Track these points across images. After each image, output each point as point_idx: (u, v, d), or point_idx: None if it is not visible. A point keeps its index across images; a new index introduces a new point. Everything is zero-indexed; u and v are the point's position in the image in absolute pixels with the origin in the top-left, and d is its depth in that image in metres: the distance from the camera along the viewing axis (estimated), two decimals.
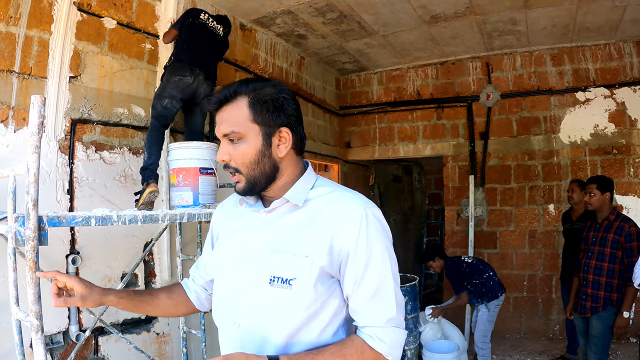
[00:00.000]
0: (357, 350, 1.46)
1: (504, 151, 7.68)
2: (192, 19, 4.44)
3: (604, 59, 7.07)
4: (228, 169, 1.56)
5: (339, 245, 1.48)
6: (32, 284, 2.27)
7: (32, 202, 2.26)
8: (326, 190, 1.59)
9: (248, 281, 1.53)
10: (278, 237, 1.53)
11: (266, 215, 1.59)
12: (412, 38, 7.04)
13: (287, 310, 1.46)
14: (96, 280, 4.12)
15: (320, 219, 1.51)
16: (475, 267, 6.00)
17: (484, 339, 5.80)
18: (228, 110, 1.53)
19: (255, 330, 1.50)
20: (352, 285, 1.49)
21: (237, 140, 1.52)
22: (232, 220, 1.73)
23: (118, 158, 4.43)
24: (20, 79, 3.67)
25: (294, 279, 1.45)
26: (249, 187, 1.55)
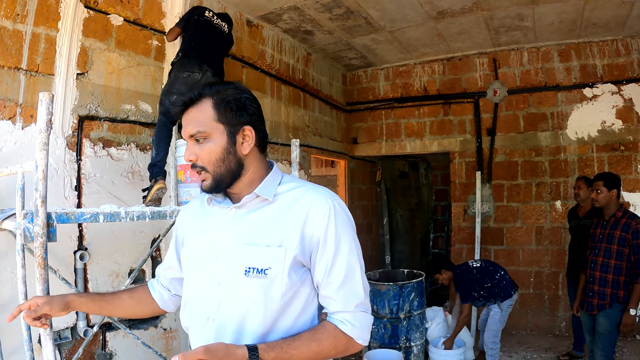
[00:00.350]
0: (330, 334, 1.56)
1: (511, 147, 7.67)
2: (197, 16, 4.45)
3: (612, 55, 7.04)
4: (195, 169, 1.62)
5: (309, 235, 1.56)
6: (41, 280, 2.28)
7: (41, 198, 2.28)
8: (293, 185, 1.67)
9: (222, 275, 1.58)
10: (250, 231, 1.60)
11: (235, 211, 1.65)
12: (418, 34, 7.02)
13: (264, 299, 1.52)
14: (104, 277, 4.17)
15: (291, 212, 1.59)
16: (485, 269, 5.86)
17: (495, 339, 5.73)
18: (193, 112, 1.61)
19: (232, 322, 1.55)
20: (323, 273, 1.58)
21: (203, 140, 1.58)
22: (199, 220, 1.78)
23: (125, 154, 4.44)
24: (28, 76, 3.69)
25: (269, 269, 1.52)
26: (215, 184, 1.61)
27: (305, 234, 1.56)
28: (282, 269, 1.53)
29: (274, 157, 6.54)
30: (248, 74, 6.07)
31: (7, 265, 3.41)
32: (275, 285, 1.52)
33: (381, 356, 5.50)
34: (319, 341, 1.53)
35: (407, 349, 5.67)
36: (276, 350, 1.45)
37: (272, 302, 1.53)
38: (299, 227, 1.56)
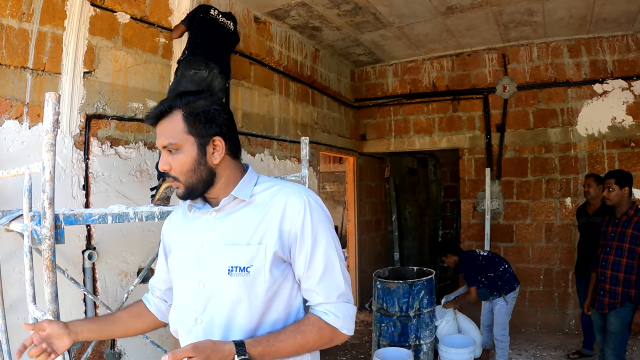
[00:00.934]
0: (315, 326, 1.62)
1: (521, 144, 7.62)
2: (202, 15, 4.44)
3: (622, 50, 6.97)
4: (169, 177, 1.68)
5: (287, 231, 1.62)
6: (50, 282, 2.27)
7: (48, 200, 2.26)
8: (269, 185, 1.73)
9: (206, 276, 1.63)
10: (230, 231, 1.65)
11: (215, 214, 1.70)
12: (427, 29, 6.98)
13: (248, 296, 1.58)
14: (112, 276, 4.16)
15: (268, 210, 1.65)
16: (491, 260, 6.01)
17: (503, 332, 5.78)
18: (165, 124, 1.64)
19: (219, 321, 1.60)
20: (303, 266, 1.64)
21: (174, 151, 1.63)
22: (183, 227, 1.82)
23: (133, 153, 4.43)
24: (34, 75, 3.67)
25: (251, 266, 1.58)
26: (188, 192, 1.66)
27: (283, 230, 1.62)
28: (263, 265, 1.59)
29: (283, 154, 6.53)
30: (256, 71, 6.05)
31: (15, 265, 3.41)
32: (258, 282, 1.58)
33: (391, 354, 5.48)
34: (304, 333, 1.59)
35: (416, 347, 5.64)
36: (262, 344, 1.51)
37: (257, 299, 1.58)
38: (276, 224, 1.62)
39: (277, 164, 6.38)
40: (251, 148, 5.90)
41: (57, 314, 2.27)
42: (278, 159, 6.42)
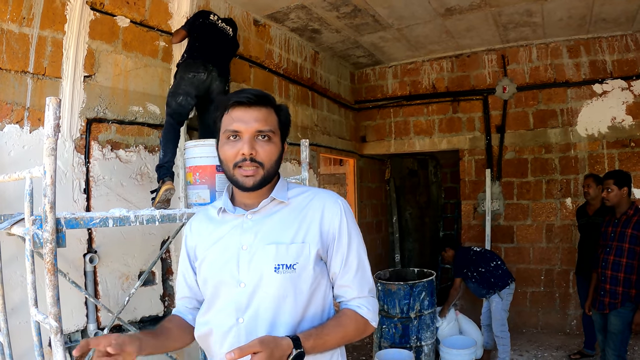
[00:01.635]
0: (352, 319, 1.75)
1: (521, 144, 7.63)
2: (202, 19, 4.47)
3: (621, 50, 6.98)
4: (246, 164, 1.68)
5: (326, 231, 1.75)
6: (51, 286, 2.27)
7: (50, 204, 2.27)
8: (301, 190, 1.86)
9: (247, 276, 1.68)
10: (271, 232, 1.72)
11: (251, 216, 1.77)
12: (426, 31, 6.99)
13: (294, 292, 1.67)
14: (114, 279, 4.17)
15: (307, 212, 1.76)
16: (483, 255, 6.13)
17: (502, 328, 5.82)
18: (265, 112, 1.73)
19: (264, 318, 1.65)
20: (340, 264, 1.77)
21: (266, 139, 1.71)
22: (210, 232, 1.85)
23: (134, 156, 4.44)
24: (35, 79, 3.68)
25: (297, 263, 1.67)
26: (262, 180, 1.71)
27: (323, 230, 1.74)
28: (308, 262, 1.69)
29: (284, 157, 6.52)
30: (256, 74, 6.06)
31: (17, 269, 3.42)
32: (302, 279, 1.68)
33: (392, 356, 5.49)
34: (344, 326, 1.72)
35: (417, 348, 5.65)
36: (313, 337, 1.59)
37: (301, 294, 1.68)
38: (317, 225, 1.74)
39: None
40: None
41: (58, 317, 2.27)
42: None
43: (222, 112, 1.76)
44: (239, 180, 1.70)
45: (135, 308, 4.37)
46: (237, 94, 1.72)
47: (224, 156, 1.73)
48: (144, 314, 4.47)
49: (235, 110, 1.71)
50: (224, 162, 1.74)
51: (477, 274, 5.94)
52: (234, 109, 1.71)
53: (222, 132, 1.75)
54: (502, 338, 5.78)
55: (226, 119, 1.73)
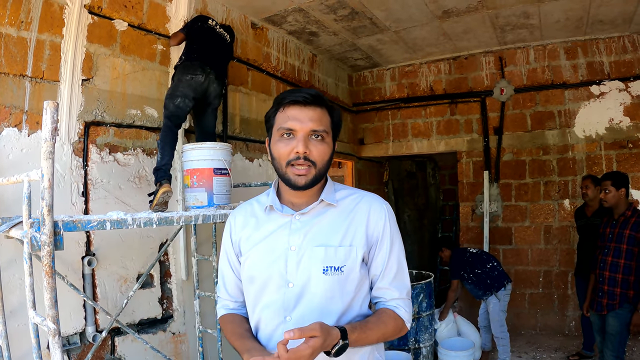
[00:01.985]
0: (391, 317, 1.80)
1: (519, 146, 7.64)
2: (200, 24, 4.51)
3: (618, 51, 6.99)
4: (300, 162, 1.72)
5: (370, 234, 1.80)
6: (49, 288, 2.28)
7: (47, 207, 2.27)
8: (348, 192, 1.89)
9: (295, 275, 1.74)
10: (320, 234, 1.77)
11: (299, 217, 1.80)
12: (424, 33, 7.00)
13: (340, 293, 1.73)
14: (112, 282, 4.18)
15: (354, 215, 1.81)
16: (479, 257, 6.15)
17: (502, 329, 5.83)
18: (320, 112, 1.76)
19: (310, 317, 1.68)
20: (381, 266, 1.81)
21: (320, 139, 1.74)
22: (256, 229, 1.88)
23: (132, 159, 4.45)
24: (33, 83, 3.69)
25: (344, 266, 1.73)
26: (314, 180, 1.75)
27: (368, 234, 1.79)
28: (355, 265, 1.75)
29: None
30: (254, 77, 6.07)
31: (15, 272, 3.42)
32: (349, 280, 1.74)
33: (390, 358, 5.49)
34: (385, 323, 1.77)
35: (416, 350, 5.66)
36: (357, 331, 1.64)
37: (347, 295, 1.74)
38: (363, 228, 1.79)
39: None
40: (249, 153, 5.92)
41: (56, 320, 2.28)
42: None
43: (276, 109, 1.80)
44: (291, 179, 1.74)
45: (134, 311, 4.38)
46: (293, 93, 1.75)
47: (277, 153, 1.76)
48: (142, 316, 4.47)
49: (290, 109, 1.74)
50: (277, 159, 1.77)
51: (474, 276, 5.96)
52: (290, 107, 1.74)
53: (275, 129, 1.78)
54: (501, 339, 5.79)
55: (280, 117, 1.76)
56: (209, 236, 4.95)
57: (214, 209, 3.88)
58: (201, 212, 3.57)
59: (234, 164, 5.17)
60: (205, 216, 3.54)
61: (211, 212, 3.65)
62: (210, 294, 4.67)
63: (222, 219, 3.71)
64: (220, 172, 4.05)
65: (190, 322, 4.87)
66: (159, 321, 4.68)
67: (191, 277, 4.83)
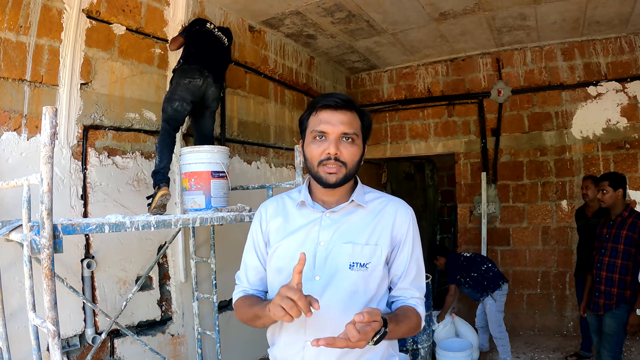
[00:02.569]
0: (414, 313, 1.88)
1: (516, 147, 7.65)
2: (198, 27, 4.53)
3: (615, 52, 7.01)
4: (331, 162, 1.81)
5: (395, 236, 1.89)
6: (49, 290, 2.30)
7: (47, 211, 2.30)
8: (376, 195, 1.99)
9: (322, 269, 1.83)
10: (349, 232, 1.87)
11: (330, 214, 1.89)
12: (421, 35, 7.02)
13: (364, 288, 1.82)
14: (111, 284, 4.20)
15: (381, 217, 1.90)
16: (473, 260, 6.18)
17: (500, 329, 5.82)
18: (350, 116, 1.84)
19: (333, 310, 1.76)
20: (403, 267, 1.90)
21: (350, 141, 1.83)
22: (286, 221, 1.97)
23: (130, 163, 4.47)
24: (32, 87, 3.72)
25: (369, 263, 1.82)
26: (344, 179, 1.84)
27: (393, 235, 1.89)
28: (379, 263, 1.84)
29: (279, 162, 6.57)
30: (251, 80, 6.10)
31: (15, 274, 3.45)
32: (373, 277, 1.83)
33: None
34: (410, 318, 1.85)
35: (414, 351, 5.67)
36: (392, 322, 1.68)
37: (370, 291, 1.83)
38: (389, 230, 1.88)
39: (273, 172, 6.42)
40: (247, 156, 5.94)
41: (56, 321, 2.30)
42: (274, 166, 6.46)
43: (309, 112, 1.90)
44: (322, 177, 1.83)
45: (133, 313, 4.40)
46: (326, 97, 1.85)
47: (310, 154, 1.86)
48: (141, 318, 4.50)
49: (323, 112, 1.84)
50: (309, 160, 1.87)
51: (470, 279, 5.97)
52: (322, 111, 1.84)
53: (308, 132, 1.88)
54: (500, 339, 5.78)
55: (313, 120, 1.86)
56: (207, 239, 4.97)
57: (211, 212, 3.90)
58: (199, 215, 3.59)
59: (232, 166, 5.20)
60: (202, 219, 3.56)
61: (209, 215, 3.68)
62: (209, 296, 4.71)
63: (219, 222, 3.73)
64: (218, 175, 4.07)
65: (189, 324, 4.89)
66: (158, 323, 4.70)
67: (190, 279, 4.85)
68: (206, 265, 4.94)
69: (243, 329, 5.49)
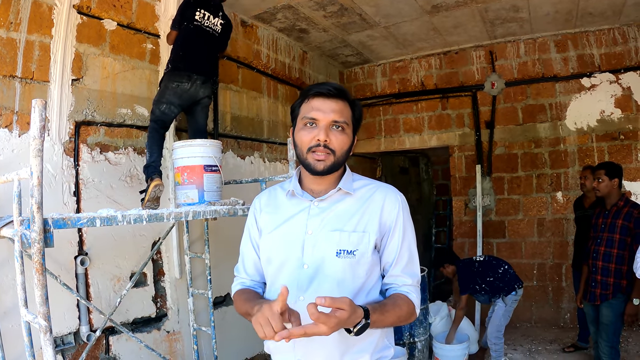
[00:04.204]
0: (405, 301, 1.86)
1: (510, 140, 7.65)
2: (186, 23, 4.34)
3: (609, 44, 7.01)
4: (320, 149, 1.82)
5: (384, 223, 1.88)
6: (40, 285, 2.29)
7: (37, 204, 2.28)
8: (365, 182, 1.99)
9: (311, 258, 1.83)
10: (336, 219, 1.87)
11: (318, 203, 1.90)
12: (414, 28, 7.01)
13: (352, 276, 1.81)
14: (105, 281, 4.18)
15: (369, 204, 1.90)
16: (488, 263, 5.83)
17: (498, 334, 5.65)
18: (342, 104, 1.86)
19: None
20: (394, 254, 1.89)
21: (340, 129, 1.84)
22: (277, 211, 1.99)
23: (123, 158, 4.45)
24: (23, 83, 3.70)
25: (357, 250, 1.81)
26: (332, 166, 1.84)
27: (382, 222, 1.87)
28: (367, 250, 1.82)
29: (273, 157, 6.56)
30: (244, 75, 6.08)
31: (8, 272, 3.43)
32: (360, 264, 1.82)
33: None
34: (400, 307, 1.82)
35: (411, 344, 5.66)
36: (377, 312, 1.68)
37: (358, 278, 1.82)
38: (377, 216, 1.87)
39: (267, 167, 6.41)
40: (241, 151, 5.93)
41: (47, 316, 2.29)
42: (268, 161, 6.45)
43: (301, 100, 1.91)
44: (311, 164, 1.83)
45: (128, 310, 4.38)
46: (319, 86, 1.86)
47: (299, 140, 1.87)
48: (136, 315, 4.48)
49: (315, 100, 1.85)
50: (299, 146, 1.88)
51: (486, 285, 5.67)
52: (314, 99, 1.85)
53: (299, 119, 1.89)
54: (495, 344, 5.60)
55: (305, 107, 1.87)
56: (201, 234, 4.95)
57: (204, 206, 3.87)
58: (191, 209, 3.57)
59: (226, 161, 5.18)
60: (195, 212, 3.54)
61: (201, 209, 3.65)
62: (204, 291, 4.69)
63: (212, 216, 3.71)
64: (211, 169, 4.05)
65: (185, 320, 4.88)
66: (153, 320, 4.68)
67: (184, 275, 4.83)
68: (201, 261, 4.92)
69: (239, 325, 5.48)
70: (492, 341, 5.68)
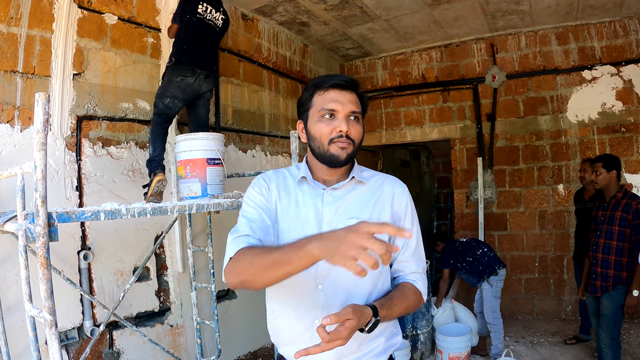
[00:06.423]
0: (412, 290, 1.92)
1: (512, 132, 7.65)
2: (189, 16, 4.32)
3: (610, 36, 6.99)
4: (342, 139, 1.83)
5: (395, 211, 1.94)
6: (44, 280, 2.29)
7: (41, 198, 2.28)
8: (372, 173, 2.05)
9: None
10: (351, 208, 1.90)
11: (331, 192, 1.92)
12: (415, 21, 6.99)
13: None
14: (108, 275, 4.18)
15: (381, 193, 1.94)
16: (469, 244, 6.19)
17: (494, 315, 5.77)
18: (354, 96, 1.89)
19: (342, 287, 1.81)
20: (403, 242, 1.93)
21: (357, 120, 1.88)
22: (289, 195, 1.96)
23: (125, 153, 4.45)
24: (24, 78, 3.69)
25: None
26: (351, 156, 1.87)
27: (393, 210, 1.93)
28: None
29: (275, 150, 6.55)
30: (245, 68, 6.07)
31: (12, 268, 3.44)
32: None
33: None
34: (408, 297, 1.88)
35: (414, 337, 5.68)
36: (385, 307, 1.73)
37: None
38: (388, 205, 1.93)
39: (269, 160, 6.40)
40: (243, 145, 5.92)
41: (52, 311, 2.29)
42: (270, 154, 6.44)
43: (313, 92, 1.91)
44: (334, 154, 1.84)
45: (131, 304, 4.39)
46: (332, 78, 1.88)
47: (318, 133, 1.86)
48: (139, 309, 4.49)
49: (331, 92, 1.86)
50: (317, 139, 1.87)
51: (466, 264, 5.98)
52: (331, 90, 1.86)
53: (314, 111, 1.88)
54: (494, 325, 5.74)
55: (320, 99, 1.87)
56: (204, 228, 4.96)
57: (207, 199, 3.87)
58: (195, 202, 3.56)
59: (228, 155, 5.18)
60: (199, 205, 3.53)
61: (205, 202, 3.65)
62: (207, 285, 4.70)
63: (216, 209, 3.70)
64: (214, 162, 4.05)
65: (188, 314, 4.88)
66: (157, 314, 4.69)
67: (187, 269, 4.84)
68: (203, 255, 4.93)
69: (242, 318, 5.49)
70: (490, 323, 5.79)
